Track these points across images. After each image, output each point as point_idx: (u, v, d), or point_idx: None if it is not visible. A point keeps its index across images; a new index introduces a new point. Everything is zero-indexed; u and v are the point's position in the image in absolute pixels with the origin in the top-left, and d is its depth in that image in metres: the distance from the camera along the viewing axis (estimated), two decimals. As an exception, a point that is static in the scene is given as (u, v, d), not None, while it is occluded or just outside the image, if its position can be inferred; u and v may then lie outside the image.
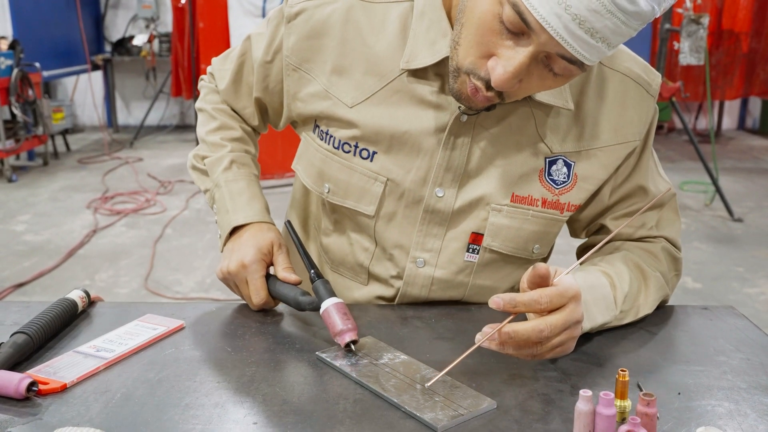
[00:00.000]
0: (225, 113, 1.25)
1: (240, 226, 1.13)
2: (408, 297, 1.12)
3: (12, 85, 5.53)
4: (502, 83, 0.87)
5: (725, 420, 0.81)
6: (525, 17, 0.82)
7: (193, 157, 1.24)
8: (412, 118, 1.04)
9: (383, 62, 1.04)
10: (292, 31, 1.08)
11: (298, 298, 1.02)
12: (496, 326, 0.84)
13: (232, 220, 1.13)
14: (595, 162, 1.07)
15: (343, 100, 1.06)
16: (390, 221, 1.09)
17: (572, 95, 1.04)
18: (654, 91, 1.09)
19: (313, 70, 1.08)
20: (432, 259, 1.09)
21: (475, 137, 1.03)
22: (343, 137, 1.07)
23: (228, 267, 1.08)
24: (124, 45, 7.75)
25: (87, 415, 0.80)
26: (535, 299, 0.85)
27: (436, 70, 1.02)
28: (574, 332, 0.89)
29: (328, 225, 1.17)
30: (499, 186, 1.05)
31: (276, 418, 0.79)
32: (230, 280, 1.10)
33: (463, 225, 1.07)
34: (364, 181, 1.07)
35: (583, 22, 0.80)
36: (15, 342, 0.90)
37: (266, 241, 1.09)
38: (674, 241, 1.15)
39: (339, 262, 1.17)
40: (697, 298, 3.56)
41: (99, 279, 3.73)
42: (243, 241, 1.09)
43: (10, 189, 5.47)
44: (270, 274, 1.09)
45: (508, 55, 0.86)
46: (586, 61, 0.85)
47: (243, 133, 1.24)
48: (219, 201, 1.16)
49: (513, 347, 0.86)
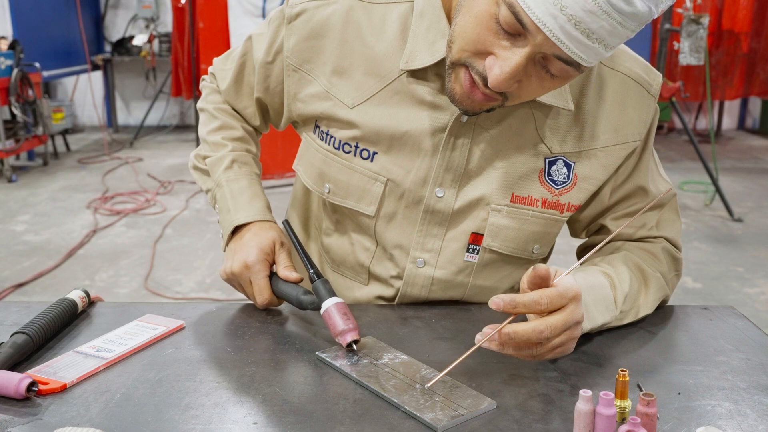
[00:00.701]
0: (226, 113, 1.25)
1: (242, 226, 1.13)
2: (408, 297, 1.12)
3: (12, 85, 5.53)
4: (500, 84, 0.87)
5: (725, 420, 0.81)
6: (521, 18, 0.82)
7: (194, 157, 1.24)
8: (413, 119, 1.04)
9: (383, 63, 1.04)
10: (292, 31, 1.08)
11: (300, 297, 1.02)
12: (496, 327, 0.84)
13: (233, 219, 1.13)
14: (595, 162, 1.07)
15: (344, 101, 1.06)
16: (390, 221, 1.09)
17: (572, 95, 1.04)
18: (655, 91, 1.09)
19: (314, 71, 1.08)
20: (432, 259, 1.09)
21: (475, 138, 1.03)
22: (343, 138, 1.07)
23: (231, 268, 1.08)
24: (124, 45, 7.75)
25: (87, 415, 0.80)
26: (535, 300, 0.85)
27: (436, 71, 1.02)
28: (574, 333, 0.89)
29: (329, 225, 1.17)
30: (498, 186, 1.05)
31: (276, 418, 0.79)
32: (234, 281, 1.10)
33: (462, 225, 1.07)
34: (365, 181, 1.07)
35: (578, 23, 0.80)
36: (15, 342, 0.90)
37: (268, 241, 1.09)
38: (674, 242, 1.15)
39: (340, 262, 1.17)
40: (697, 298, 3.56)
41: (99, 279, 3.73)
42: (245, 241, 1.10)
43: (10, 189, 5.47)
44: (273, 273, 1.09)
45: (505, 56, 0.86)
46: (582, 62, 0.85)
47: (244, 133, 1.24)
48: (221, 200, 1.16)
49: (513, 348, 0.86)
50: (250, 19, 5.76)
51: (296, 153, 1.19)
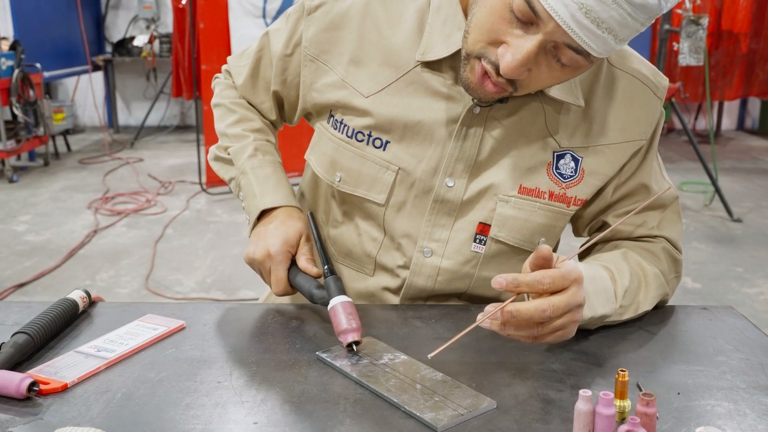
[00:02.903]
0: (243, 106, 1.26)
1: (268, 211, 1.14)
2: (413, 288, 1.12)
3: (13, 86, 5.53)
4: (511, 71, 0.89)
5: (724, 420, 0.81)
6: (533, 6, 0.85)
7: (216, 148, 1.25)
8: (426, 109, 1.06)
9: (399, 54, 1.07)
10: (311, 23, 1.11)
11: (312, 291, 1.03)
12: (499, 305, 0.84)
13: (260, 203, 1.13)
14: (602, 158, 1.08)
15: (359, 90, 1.08)
16: (399, 210, 1.10)
17: (582, 93, 1.06)
18: (661, 94, 1.11)
19: (330, 61, 1.11)
20: (439, 249, 1.10)
21: (487, 129, 1.05)
22: (357, 126, 1.09)
23: (254, 254, 1.09)
24: (124, 45, 7.75)
25: (88, 414, 0.80)
26: (538, 279, 0.85)
27: (451, 63, 1.05)
28: (576, 316, 0.89)
29: (337, 216, 1.18)
30: (507, 177, 1.06)
31: (276, 418, 0.80)
32: (254, 265, 1.11)
33: (470, 215, 1.08)
34: (376, 169, 1.09)
35: (589, 12, 0.83)
36: (16, 342, 0.91)
37: (295, 232, 1.09)
38: (675, 243, 1.15)
39: (346, 253, 1.18)
40: (697, 298, 3.56)
41: (100, 279, 3.73)
42: (272, 229, 1.10)
43: (11, 189, 5.47)
44: (293, 263, 1.09)
45: (517, 44, 0.89)
46: (592, 52, 0.87)
47: (263, 124, 1.25)
48: (245, 187, 1.17)
49: (514, 327, 0.87)
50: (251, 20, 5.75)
51: (302, 153, 1.20)
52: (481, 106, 1.03)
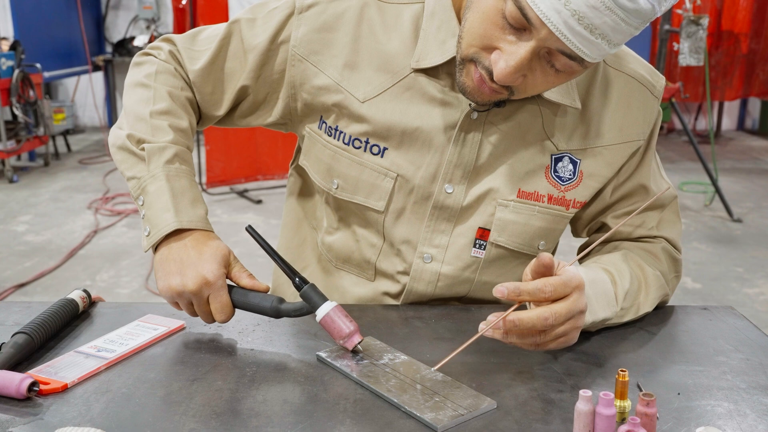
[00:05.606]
0: (178, 101, 1.12)
1: (180, 231, 1.00)
2: (414, 293, 1.12)
3: (13, 86, 5.53)
4: (504, 77, 0.89)
5: (724, 420, 0.81)
6: (526, 12, 0.84)
7: (127, 138, 1.07)
8: (424, 115, 1.05)
9: (395, 60, 1.06)
10: (302, 21, 1.08)
11: (277, 306, 0.96)
12: (501, 314, 0.84)
13: (172, 221, 0.99)
14: (600, 160, 1.08)
15: (355, 95, 1.07)
16: (398, 217, 1.09)
17: (579, 94, 1.05)
18: (658, 93, 1.11)
19: (321, 63, 1.08)
20: (439, 254, 1.09)
21: (485, 134, 1.05)
22: (353, 133, 1.08)
23: (184, 286, 0.95)
24: (124, 46, 7.75)
25: (88, 415, 0.80)
26: (540, 288, 0.85)
27: (447, 69, 1.04)
28: (578, 322, 0.89)
29: (333, 223, 1.16)
30: (505, 181, 1.06)
31: (276, 418, 0.80)
32: (183, 299, 0.97)
33: (470, 220, 1.08)
34: (374, 176, 1.08)
35: (582, 18, 0.82)
36: (16, 342, 0.91)
37: (225, 253, 0.99)
38: (674, 243, 1.15)
39: (344, 260, 1.17)
40: (697, 298, 3.56)
41: (100, 279, 3.73)
42: (194, 255, 0.97)
43: (11, 189, 5.47)
44: (230, 285, 0.99)
45: (510, 50, 0.88)
46: (586, 58, 0.87)
47: (189, 127, 1.12)
48: (155, 194, 1.02)
49: (517, 336, 0.87)
50: (251, 20, 5.75)
51: (288, 158, 1.17)
52: (478, 110, 1.03)
